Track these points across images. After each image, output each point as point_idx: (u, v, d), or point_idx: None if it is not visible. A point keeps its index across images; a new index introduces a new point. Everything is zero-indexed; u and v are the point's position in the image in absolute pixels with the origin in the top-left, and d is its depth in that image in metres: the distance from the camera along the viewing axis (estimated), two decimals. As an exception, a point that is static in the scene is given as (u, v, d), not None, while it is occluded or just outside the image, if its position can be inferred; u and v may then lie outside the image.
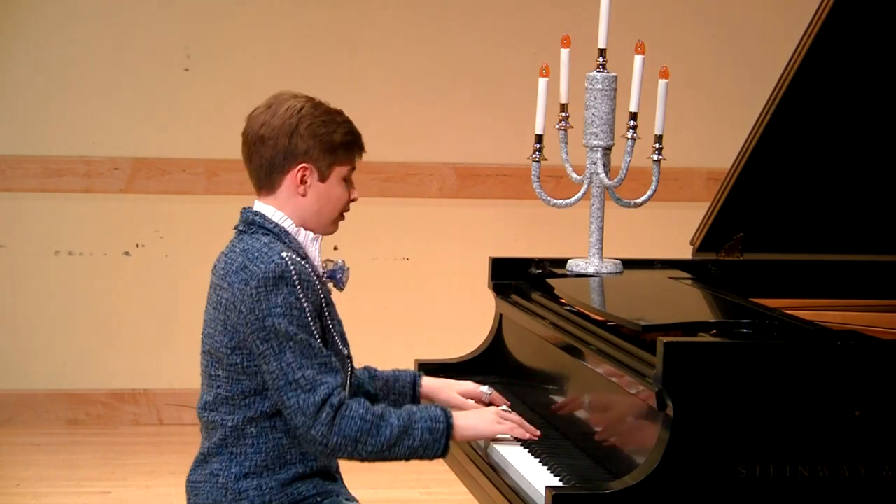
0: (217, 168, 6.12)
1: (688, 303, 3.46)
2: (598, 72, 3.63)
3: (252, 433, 3.03)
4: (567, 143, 3.69)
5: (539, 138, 3.65)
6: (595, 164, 3.64)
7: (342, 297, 3.17)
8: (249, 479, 3.04)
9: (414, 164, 6.27)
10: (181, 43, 6.14)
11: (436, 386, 3.37)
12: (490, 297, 3.80)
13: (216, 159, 6.09)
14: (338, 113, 3.10)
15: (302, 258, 3.03)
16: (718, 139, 6.06)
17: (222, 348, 3.03)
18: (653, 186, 3.63)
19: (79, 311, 6.18)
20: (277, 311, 2.95)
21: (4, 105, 6.09)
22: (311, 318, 2.98)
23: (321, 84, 5.79)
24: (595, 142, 3.62)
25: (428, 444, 3.01)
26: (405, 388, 3.35)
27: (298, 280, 2.97)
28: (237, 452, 3.04)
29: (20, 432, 6.06)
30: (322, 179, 3.08)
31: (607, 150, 3.64)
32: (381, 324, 6.22)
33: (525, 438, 3.16)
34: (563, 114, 3.66)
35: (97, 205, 6.14)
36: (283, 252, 2.99)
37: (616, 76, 3.63)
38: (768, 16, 6.35)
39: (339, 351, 3.07)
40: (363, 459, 3.01)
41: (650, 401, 2.80)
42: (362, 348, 3.30)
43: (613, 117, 3.63)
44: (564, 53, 3.62)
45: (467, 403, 3.32)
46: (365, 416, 2.97)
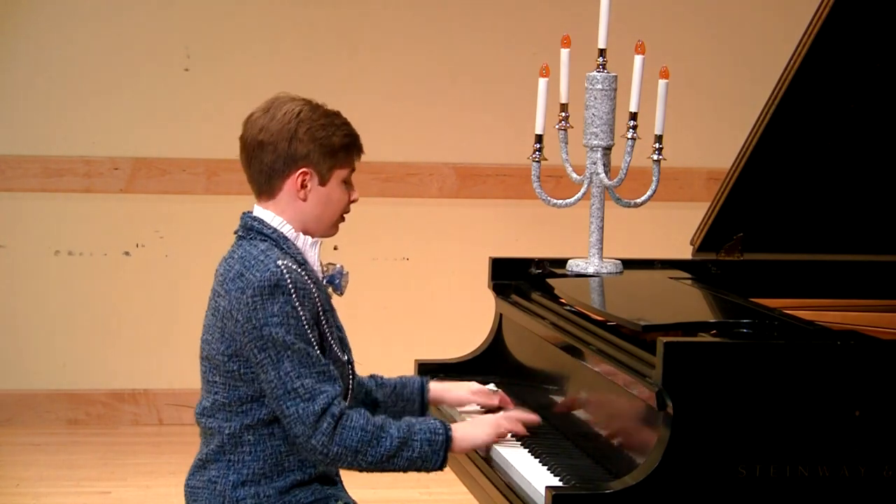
0: (217, 168, 6.12)
1: (688, 303, 3.46)
2: (598, 72, 3.63)
3: (250, 441, 3.03)
4: (567, 143, 3.69)
5: (539, 138, 3.65)
6: (595, 164, 3.63)
7: (342, 297, 3.16)
8: (247, 487, 3.03)
9: (414, 164, 6.27)
10: (181, 43, 6.14)
11: (443, 388, 3.37)
12: (490, 297, 3.80)
13: (216, 159, 6.09)
14: (336, 115, 3.09)
15: (300, 264, 3.02)
16: (718, 139, 6.06)
17: (219, 355, 3.02)
18: (653, 186, 3.63)
19: (79, 311, 6.18)
20: (274, 321, 2.94)
21: (4, 105, 6.09)
22: (309, 327, 2.97)
23: (321, 84, 5.81)
24: (595, 142, 3.62)
25: (427, 456, 3.01)
26: (413, 395, 3.34)
27: (294, 288, 2.96)
28: (235, 460, 3.04)
29: (20, 432, 6.06)
30: (322, 183, 3.07)
31: (607, 150, 3.64)
32: (381, 324, 6.22)
33: (525, 432, 3.17)
34: (563, 114, 3.66)
35: (97, 205, 6.14)
36: (280, 260, 2.98)
37: (616, 76, 3.63)
38: (768, 16, 6.35)
39: (338, 358, 3.06)
40: (362, 469, 3.01)
41: (650, 401, 2.80)
42: (362, 349, 3.30)
43: (613, 117, 3.63)
44: (564, 53, 3.62)
45: (475, 401, 3.33)
46: (366, 427, 2.97)
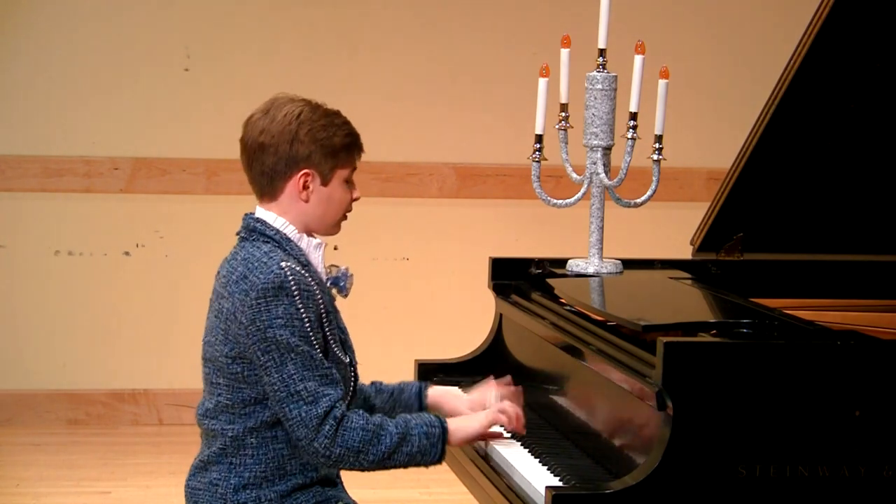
0: (217, 168, 6.12)
1: (688, 303, 3.46)
2: (598, 72, 3.63)
3: (252, 444, 3.03)
4: (567, 143, 3.69)
5: (539, 138, 3.65)
6: (595, 164, 3.64)
7: (343, 298, 3.16)
8: (248, 491, 3.03)
9: (414, 164, 6.27)
10: (181, 43, 6.14)
11: (441, 393, 3.35)
12: (490, 297, 3.80)
13: (216, 159, 6.09)
14: (336, 114, 3.08)
15: (303, 266, 3.02)
16: (718, 139, 6.06)
17: (222, 357, 3.02)
18: (653, 186, 3.63)
19: (79, 311, 6.18)
20: (278, 323, 2.94)
21: (4, 105, 6.09)
22: (312, 329, 2.96)
23: (321, 84, 5.81)
24: (595, 142, 3.62)
25: (426, 450, 3.01)
26: (411, 400, 3.33)
27: (298, 290, 2.95)
28: (236, 463, 3.04)
29: (20, 432, 6.06)
30: (324, 183, 3.06)
31: (607, 150, 3.64)
32: (381, 324, 6.22)
33: (515, 423, 3.15)
34: (563, 114, 3.66)
35: (97, 205, 6.14)
36: (283, 262, 2.97)
37: (616, 76, 3.63)
38: (768, 16, 6.35)
39: (340, 360, 3.05)
40: (364, 469, 3.00)
41: (650, 401, 2.80)
42: (363, 349, 3.29)
43: (613, 117, 3.63)
44: (564, 53, 3.62)
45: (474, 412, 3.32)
46: (366, 427, 2.97)
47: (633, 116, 3.55)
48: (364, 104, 5.81)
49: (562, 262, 3.74)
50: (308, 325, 2.95)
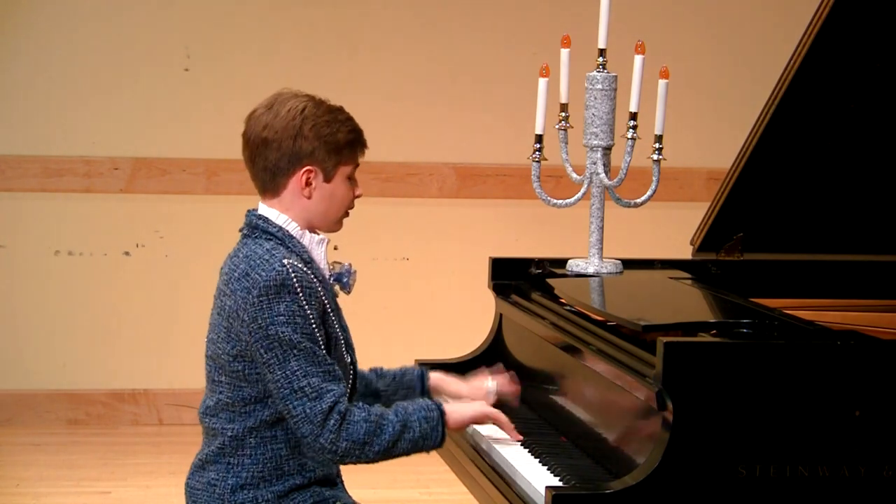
0: (217, 168, 6.12)
1: (688, 303, 3.46)
2: (598, 72, 3.63)
3: (251, 444, 3.02)
4: (567, 143, 3.69)
5: (539, 138, 3.65)
6: (595, 164, 3.63)
7: (342, 297, 3.16)
8: (246, 491, 3.03)
9: (414, 164, 6.27)
10: (181, 43, 6.14)
11: (442, 378, 3.37)
12: (490, 297, 3.80)
13: (216, 159, 6.09)
14: (339, 110, 3.08)
15: (306, 263, 3.02)
16: (718, 139, 6.06)
17: (224, 355, 3.02)
18: (653, 186, 3.63)
19: (79, 311, 6.18)
20: (281, 320, 2.94)
21: (4, 105, 6.09)
22: (315, 326, 2.97)
23: (321, 84, 5.76)
24: (595, 142, 3.62)
25: (427, 434, 3.01)
26: (413, 382, 3.34)
27: (300, 287, 2.95)
28: (234, 463, 3.04)
29: (20, 432, 6.06)
30: (327, 180, 3.06)
31: (607, 150, 3.64)
32: (381, 324, 6.22)
33: (509, 432, 3.18)
34: (563, 114, 3.66)
35: (97, 205, 6.14)
36: (285, 259, 2.97)
37: (616, 76, 3.63)
38: (768, 16, 6.35)
39: (342, 358, 3.06)
40: (370, 461, 3.00)
41: (650, 401, 2.80)
42: (363, 348, 3.29)
43: (613, 117, 3.63)
44: (564, 53, 3.61)
45: (474, 397, 3.34)
46: (368, 418, 2.97)
47: (633, 116, 3.55)
48: (364, 104, 5.76)
49: (562, 262, 3.74)
50: (311, 322, 2.95)
